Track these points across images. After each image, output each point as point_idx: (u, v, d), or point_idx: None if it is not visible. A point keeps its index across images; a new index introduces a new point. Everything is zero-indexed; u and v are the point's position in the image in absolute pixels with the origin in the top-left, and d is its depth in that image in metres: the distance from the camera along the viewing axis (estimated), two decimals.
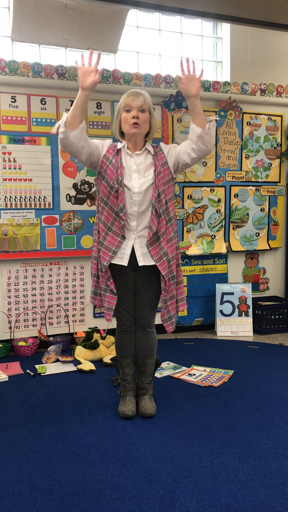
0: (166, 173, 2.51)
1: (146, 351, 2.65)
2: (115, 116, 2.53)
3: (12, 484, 1.97)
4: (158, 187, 2.46)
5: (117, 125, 2.53)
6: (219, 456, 2.18)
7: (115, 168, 2.45)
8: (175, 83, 4.20)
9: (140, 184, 2.45)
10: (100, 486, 1.95)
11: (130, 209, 2.46)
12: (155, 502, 1.85)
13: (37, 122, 3.77)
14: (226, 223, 4.54)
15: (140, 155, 2.51)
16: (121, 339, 2.66)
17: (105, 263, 2.47)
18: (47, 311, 3.96)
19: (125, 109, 2.45)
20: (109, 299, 2.53)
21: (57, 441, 2.33)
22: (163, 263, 2.49)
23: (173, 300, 2.60)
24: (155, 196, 2.45)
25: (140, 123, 2.43)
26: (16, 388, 3.03)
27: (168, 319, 2.57)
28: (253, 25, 3.68)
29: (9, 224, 3.74)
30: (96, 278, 2.63)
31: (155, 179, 2.46)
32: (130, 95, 2.45)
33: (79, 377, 3.25)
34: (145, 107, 2.45)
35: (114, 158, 2.48)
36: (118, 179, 2.43)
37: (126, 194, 2.45)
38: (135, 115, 2.42)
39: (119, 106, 2.49)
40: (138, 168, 2.48)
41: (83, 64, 2.37)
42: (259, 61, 4.62)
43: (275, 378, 3.18)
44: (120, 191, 2.43)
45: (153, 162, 2.50)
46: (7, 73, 3.67)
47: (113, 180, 2.44)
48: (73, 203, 3.93)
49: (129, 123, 2.43)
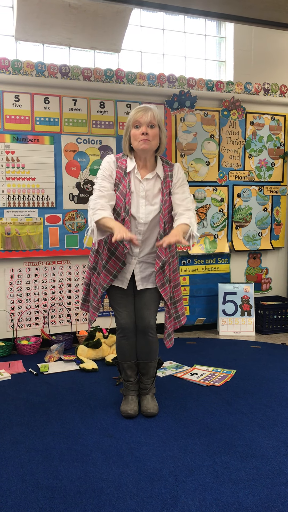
0: (170, 202, 2.52)
1: (147, 355, 2.65)
2: (124, 132, 2.51)
3: (15, 482, 1.98)
4: (164, 217, 2.48)
5: (126, 141, 2.51)
6: (221, 456, 2.18)
7: (123, 196, 2.44)
8: (179, 82, 4.20)
9: (147, 213, 2.46)
10: (102, 485, 1.95)
11: None
12: (157, 501, 1.85)
13: (40, 121, 3.78)
14: (229, 223, 4.54)
15: (149, 180, 2.49)
16: (122, 345, 2.65)
17: (105, 285, 2.53)
18: (49, 310, 3.97)
19: (134, 125, 2.43)
20: (91, 314, 2.69)
21: (60, 440, 2.33)
22: (165, 289, 2.55)
23: (171, 318, 2.65)
24: (162, 227, 2.48)
25: (150, 139, 2.41)
26: (18, 387, 3.04)
27: (167, 336, 2.63)
28: (257, 24, 3.67)
29: (12, 223, 3.75)
30: (87, 287, 2.73)
31: (161, 209, 2.47)
32: (139, 111, 2.43)
33: (81, 376, 3.25)
34: (154, 122, 2.42)
35: (121, 182, 2.46)
36: (126, 207, 2.43)
37: (132, 223, 2.46)
38: (144, 131, 2.39)
39: (128, 123, 2.47)
40: (146, 195, 2.48)
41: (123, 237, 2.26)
42: (262, 60, 4.62)
43: (277, 378, 3.18)
44: (126, 220, 2.43)
45: (161, 190, 2.49)
46: (10, 72, 3.67)
47: (120, 207, 2.44)
48: (76, 202, 3.93)
49: (139, 139, 2.41)
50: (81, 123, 3.91)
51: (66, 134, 3.87)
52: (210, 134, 4.36)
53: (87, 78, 3.89)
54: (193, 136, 4.29)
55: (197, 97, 4.23)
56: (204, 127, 4.33)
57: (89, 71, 3.89)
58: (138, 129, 2.41)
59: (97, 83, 3.92)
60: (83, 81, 3.88)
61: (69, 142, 3.87)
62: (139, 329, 2.62)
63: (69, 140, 3.87)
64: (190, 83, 4.25)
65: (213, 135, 4.37)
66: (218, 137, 4.39)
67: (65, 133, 3.86)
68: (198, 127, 4.31)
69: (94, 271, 2.65)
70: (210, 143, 4.37)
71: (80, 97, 3.89)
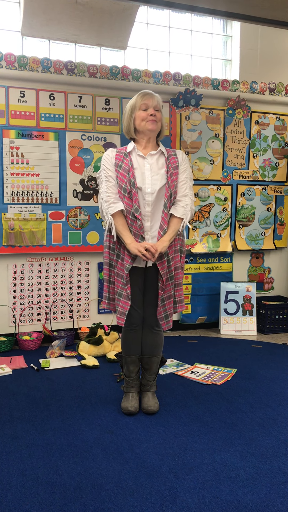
0: (177, 176, 2.56)
1: (152, 350, 2.66)
2: (128, 114, 2.57)
3: (15, 476, 1.99)
4: (170, 188, 2.51)
5: (131, 123, 2.57)
6: (221, 454, 2.19)
7: (126, 171, 2.48)
8: (184, 80, 4.20)
9: (153, 184, 2.48)
10: (102, 481, 1.96)
11: (144, 209, 2.48)
12: (156, 498, 1.86)
13: (45, 117, 3.78)
14: (232, 222, 4.54)
15: (153, 155, 2.55)
16: (128, 337, 2.66)
17: (127, 265, 2.49)
18: (51, 306, 3.98)
19: (142, 107, 2.52)
20: (123, 304, 2.53)
21: (60, 435, 2.34)
22: (163, 263, 2.51)
23: (170, 300, 2.60)
24: (168, 195, 2.49)
25: (157, 119, 2.52)
26: (19, 382, 3.05)
27: (164, 318, 2.58)
28: (264, 23, 3.66)
29: (16, 218, 3.75)
30: (109, 284, 2.63)
31: (167, 179, 2.50)
32: (146, 94, 2.54)
33: (82, 372, 3.26)
34: (159, 107, 2.56)
35: (123, 162, 2.51)
36: (131, 180, 2.46)
37: (139, 195, 2.47)
38: (152, 113, 2.51)
39: (134, 105, 2.54)
40: (151, 167, 2.51)
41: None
42: (268, 60, 4.61)
43: (278, 378, 3.19)
44: (133, 192, 2.45)
45: (166, 164, 2.54)
46: (16, 68, 3.67)
47: (125, 183, 2.46)
48: (79, 199, 3.94)
49: (147, 119, 2.50)
50: (86, 120, 3.91)
51: (71, 131, 3.87)
52: (214, 132, 4.36)
53: (93, 75, 3.89)
54: (197, 134, 4.29)
55: (203, 95, 4.23)
56: (209, 125, 4.33)
57: (95, 68, 3.89)
58: (146, 111, 2.51)
59: (103, 80, 3.92)
60: (88, 77, 3.88)
61: (73, 139, 3.87)
62: (146, 323, 2.63)
63: (73, 137, 3.88)
64: (196, 81, 4.25)
65: (217, 133, 4.37)
66: (222, 136, 4.39)
67: (70, 130, 3.86)
68: (203, 125, 4.31)
69: (110, 267, 2.61)
70: (215, 142, 4.37)
71: (86, 93, 3.89)
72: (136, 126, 2.55)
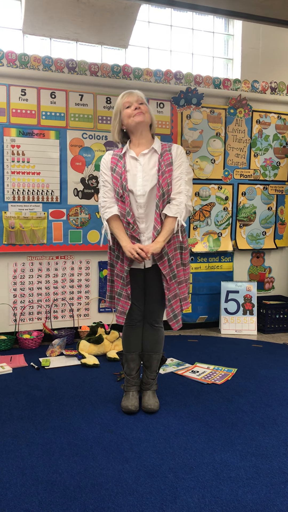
0: (170, 173, 2.51)
1: (153, 346, 2.66)
2: (113, 118, 2.58)
3: (15, 475, 1.99)
4: (162, 187, 2.47)
5: (116, 126, 2.57)
6: (221, 454, 2.19)
7: (119, 175, 2.49)
8: (185, 79, 4.19)
9: (143, 185, 2.46)
10: (102, 480, 1.96)
11: (137, 212, 2.48)
12: (156, 497, 1.85)
13: (46, 115, 3.77)
14: (233, 221, 4.53)
15: (145, 155, 2.52)
16: (128, 334, 2.67)
17: (126, 267, 2.52)
18: (52, 305, 3.97)
19: (125, 106, 2.52)
20: (123, 304, 2.57)
21: (60, 434, 2.34)
22: (164, 263, 2.51)
23: (177, 298, 2.59)
24: (159, 196, 2.47)
25: (143, 111, 2.50)
26: (20, 381, 3.05)
27: (173, 317, 2.58)
28: (266, 22, 3.65)
29: (17, 217, 3.75)
30: (111, 283, 2.69)
31: (158, 179, 2.47)
32: (125, 93, 2.56)
33: (82, 371, 3.26)
34: (142, 100, 2.54)
35: (117, 165, 2.52)
36: (123, 184, 2.46)
37: (131, 198, 2.48)
38: (136, 106, 2.50)
39: (117, 108, 2.55)
40: (143, 168, 2.49)
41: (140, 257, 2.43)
42: (270, 59, 4.60)
43: (278, 377, 3.18)
44: (125, 196, 2.46)
45: (158, 162, 2.50)
46: (17, 66, 3.67)
47: (118, 186, 2.48)
48: (80, 198, 3.93)
49: (133, 115, 2.49)
50: (87, 118, 3.90)
51: (72, 129, 3.86)
52: (216, 132, 4.35)
53: (94, 73, 3.89)
54: (199, 133, 4.28)
55: (204, 94, 4.22)
56: (210, 124, 4.32)
57: (96, 66, 3.88)
58: (130, 108, 2.51)
59: (104, 79, 3.91)
60: (90, 76, 3.87)
61: (74, 137, 3.87)
62: (147, 319, 2.64)
63: (74, 135, 3.87)
64: (197, 80, 4.24)
65: (219, 133, 4.36)
66: (224, 135, 4.38)
67: (70, 128, 3.86)
68: (204, 124, 4.30)
69: (112, 267, 2.66)
70: (216, 141, 4.36)
71: (87, 92, 3.88)
72: (126, 125, 2.54)
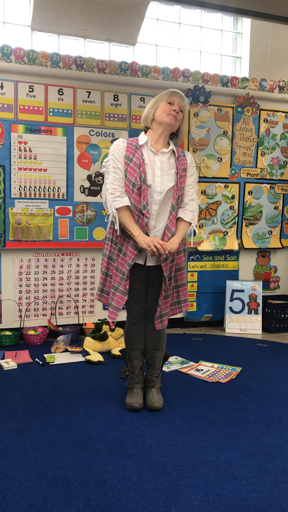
0: (185, 178, 2.55)
1: (155, 344, 2.66)
2: (151, 104, 2.57)
3: (19, 470, 2.00)
4: (179, 190, 2.50)
5: (151, 112, 2.56)
6: (224, 452, 2.19)
7: (137, 166, 2.45)
8: (193, 77, 4.18)
9: (162, 184, 2.47)
10: (105, 476, 1.97)
11: (151, 208, 2.47)
12: (160, 494, 1.86)
13: (54, 112, 3.78)
14: (239, 220, 4.52)
15: (165, 153, 2.53)
16: (131, 332, 2.67)
17: (130, 261, 2.48)
18: (57, 301, 3.98)
19: (168, 101, 2.51)
20: (118, 299, 2.52)
21: (64, 430, 2.35)
22: (167, 264, 2.52)
23: (167, 300, 2.59)
24: (176, 197, 2.49)
25: (178, 118, 2.52)
26: (24, 376, 3.06)
27: (159, 317, 2.58)
28: (275, 20, 3.64)
29: (23, 213, 3.76)
30: (105, 276, 2.65)
31: (177, 181, 2.49)
32: (176, 92, 2.55)
33: (87, 367, 3.27)
34: (183, 108, 2.55)
35: (134, 155, 2.48)
36: (141, 176, 2.43)
37: (148, 192, 2.46)
38: (176, 109, 2.50)
39: (160, 98, 2.54)
40: (161, 166, 2.49)
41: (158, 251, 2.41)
42: (278, 57, 4.58)
43: (283, 377, 3.18)
44: (143, 189, 2.43)
45: (175, 165, 2.53)
46: (25, 63, 3.67)
47: (135, 178, 2.44)
48: (86, 195, 3.94)
49: (169, 112, 2.49)
50: (94, 116, 3.90)
51: (79, 126, 3.86)
52: (223, 130, 4.34)
53: (102, 70, 3.88)
54: (206, 131, 4.27)
55: (211, 92, 4.21)
56: (218, 123, 4.31)
57: (104, 63, 3.88)
58: (171, 105, 2.51)
59: (112, 76, 3.91)
60: (97, 73, 3.87)
61: (81, 134, 3.87)
62: (149, 316, 2.64)
63: (81, 132, 3.87)
64: (205, 78, 4.23)
65: (226, 131, 4.35)
66: (231, 134, 4.37)
67: (78, 125, 3.86)
68: (212, 122, 4.29)
69: (110, 260, 2.61)
70: (223, 139, 4.35)
71: (94, 89, 3.88)
72: (155, 116, 2.53)
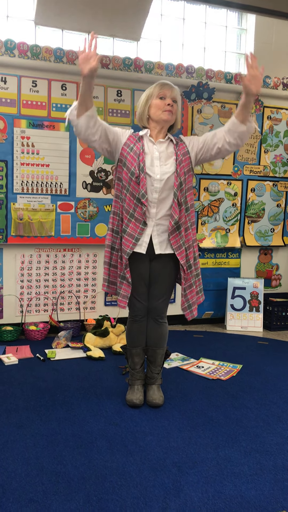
0: (187, 162, 2.52)
1: (157, 341, 2.66)
2: (143, 102, 2.54)
3: (20, 465, 2.00)
4: (179, 176, 2.47)
5: (145, 110, 2.54)
6: (225, 449, 2.19)
7: (137, 155, 2.46)
8: (197, 73, 4.17)
9: (162, 171, 2.46)
10: (105, 472, 1.97)
11: (151, 196, 2.46)
12: (160, 490, 1.86)
13: (57, 107, 3.77)
14: (242, 217, 4.51)
15: (163, 143, 2.53)
16: (132, 329, 2.67)
17: (128, 250, 2.47)
18: (58, 297, 3.98)
19: (159, 96, 2.49)
20: (125, 287, 2.52)
21: (65, 426, 2.35)
22: (182, 252, 2.50)
23: (192, 289, 2.59)
24: (177, 184, 2.46)
25: (173, 111, 2.50)
26: (25, 372, 3.06)
27: (187, 307, 2.57)
28: (279, 17, 3.62)
29: (25, 208, 3.75)
30: (109, 266, 2.64)
31: (176, 167, 2.47)
32: (165, 84, 2.51)
33: (88, 363, 3.27)
34: (177, 99, 2.53)
35: (135, 145, 2.49)
36: (140, 165, 2.44)
37: (148, 181, 2.45)
38: (170, 103, 2.48)
39: (150, 93, 2.51)
40: (160, 156, 2.49)
41: (84, 49, 2.31)
42: (283, 54, 4.55)
43: (283, 375, 3.18)
44: (142, 177, 2.43)
45: (174, 152, 2.52)
46: (29, 57, 3.66)
47: (134, 166, 2.44)
48: (89, 191, 3.93)
49: (163, 109, 2.47)
50: (98, 111, 3.89)
51: None
52: None
53: (105, 66, 3.87)
54: (209, 128, 4.26)
55: (215, 89, 4.19)
56: (221, 119, 4.30)
57: (108, 59, 3.87)
58: (163, 100, 2.48)
59: (115, 71, 3.90)
60: (101, 68, 3.86)
61: None
62: (151, 314, 2.64)
63: None
64: (209, 74, 4.21)
65: None
66: None
67: None
68: (215, 119, 4.27)
69: (112, 250, 2.61)
70: None
71: (98, 84, 3.86)
72: (151, 114, 2.52)
